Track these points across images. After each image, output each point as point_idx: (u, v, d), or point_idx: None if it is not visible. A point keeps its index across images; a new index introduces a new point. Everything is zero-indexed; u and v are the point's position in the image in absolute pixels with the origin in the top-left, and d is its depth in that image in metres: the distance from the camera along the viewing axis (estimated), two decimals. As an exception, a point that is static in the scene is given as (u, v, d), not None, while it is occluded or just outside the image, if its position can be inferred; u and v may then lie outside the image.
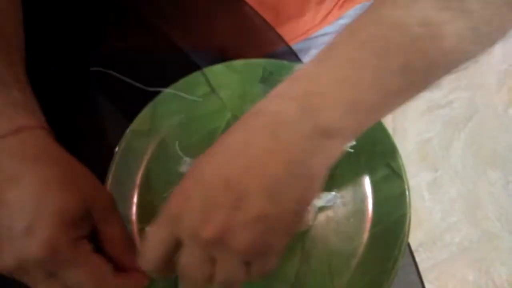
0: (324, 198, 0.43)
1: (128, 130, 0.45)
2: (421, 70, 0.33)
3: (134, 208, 0.43)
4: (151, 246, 0.32)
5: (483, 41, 0.34)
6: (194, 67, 0.48)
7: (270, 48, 0.53)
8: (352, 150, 0.43)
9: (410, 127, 1.37)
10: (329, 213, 0.43)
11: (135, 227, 0.42)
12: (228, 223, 0.28)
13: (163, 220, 0.31)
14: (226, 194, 0.29)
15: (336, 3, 0.69)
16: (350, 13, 0.73)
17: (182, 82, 0.47)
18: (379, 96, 0.31)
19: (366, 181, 0.44)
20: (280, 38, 0.53)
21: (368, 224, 0.42)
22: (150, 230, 0.32)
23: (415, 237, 1.22)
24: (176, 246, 0.31)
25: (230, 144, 0.31)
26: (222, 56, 0.49)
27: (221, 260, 0.30)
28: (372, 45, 0.31)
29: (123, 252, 0.35)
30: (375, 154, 0.43)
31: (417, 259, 0.44)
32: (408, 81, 0.32)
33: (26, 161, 0.33)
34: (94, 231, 0.35)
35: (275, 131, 0.30)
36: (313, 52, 0.70)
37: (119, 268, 0.35)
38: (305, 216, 0.32)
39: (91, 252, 0.33)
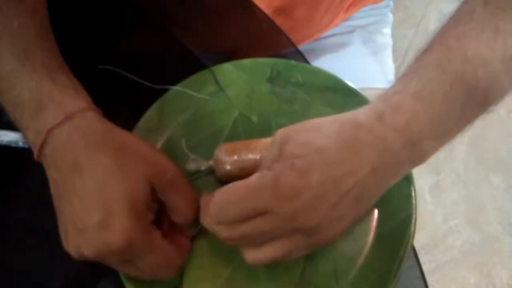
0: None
1: (136, 127, 0.45)
2: (498, 98, 0.37)
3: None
4: (239, 208, 0.33)
5: None
6: (203, 69, 0.48)
7: (277, 49, 0.54)
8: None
9: (413, 130, 1.37)
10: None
11: None
12: (325, 219, 0.33)
13: (273, 193, 0.32)
14: (333, 194, 0.33)
15: (343, 7, 0.70)
16: (356, 16, 0.73)
17: (190, 80, 0.47)
18: (461, 127, 0.37)
19: (372, 182, 0.44)
20: (288, 40, 0.54)
21: (373, 225, 0.42)
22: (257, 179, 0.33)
23: (417, 240, 1.21)
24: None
25: (337, 148, 0.34)
26: (231, 58, 0.49)
27: (293, 240, 0.34)
28: (462, 84, 0.35)
29: (186, 223, 0.38)
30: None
31: (419, 261, 0.44)
32: (485, 109, 0.37)
33: (85, 149, 0.34)
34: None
35: (381, 155, 0.34)
36: (323, 57, 0.71)
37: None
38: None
39: (161, 238, 0.36)
